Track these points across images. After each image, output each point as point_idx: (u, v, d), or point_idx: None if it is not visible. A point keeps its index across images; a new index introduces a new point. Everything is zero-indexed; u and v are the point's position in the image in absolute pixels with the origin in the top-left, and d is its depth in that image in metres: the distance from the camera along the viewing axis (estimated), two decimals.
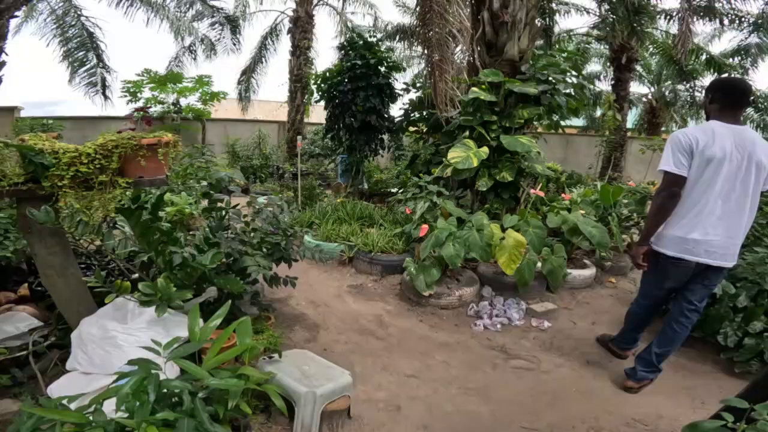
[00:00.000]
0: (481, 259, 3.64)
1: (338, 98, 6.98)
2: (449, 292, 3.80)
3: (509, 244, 3.51)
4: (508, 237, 3.56)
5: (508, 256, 3.49)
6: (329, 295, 4.18)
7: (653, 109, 15.99)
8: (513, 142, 4.75)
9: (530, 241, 3.71)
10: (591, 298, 4.26)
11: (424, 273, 3.76)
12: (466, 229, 3.74)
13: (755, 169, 2.34)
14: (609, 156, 11.15)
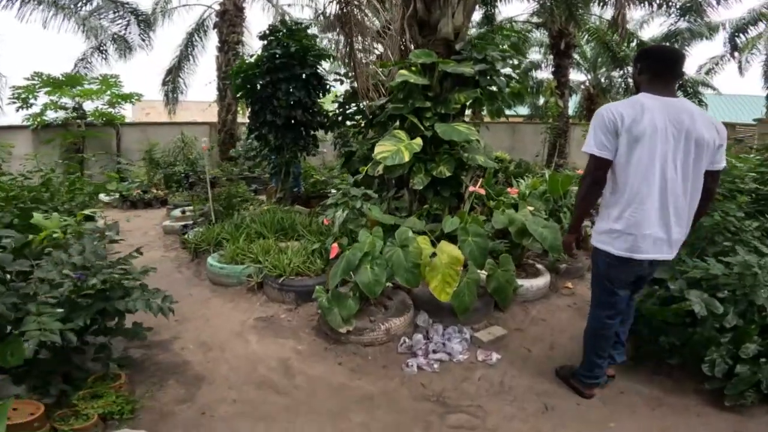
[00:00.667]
0: (408, 284, 2.80)
1: (257, 93, 5.91)
2: (373, 326, 2.92)
3: (442, 263, 2.68)
4: (440, 253, 2.72)
5: (441, 279, 2.66)
6: (228, 333, 3.22)
7: (591, 96, 15.98)
8: (449, 130, 3.93)
9: (470, 253, 2.90)
10: (547, 311, 3.53)
11: (339, 305, 2.87)
12: (389, 246, 2.87)
13: (695, 145, 1.95)
14: (554, 143, 10.72)
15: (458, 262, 2.68)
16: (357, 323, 2.93)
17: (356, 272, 2.78)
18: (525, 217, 3.54)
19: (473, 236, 2.96)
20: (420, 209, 4.44)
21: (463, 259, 2.70)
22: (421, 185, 4.10)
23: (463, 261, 2.70)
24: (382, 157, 3.77)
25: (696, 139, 1.93)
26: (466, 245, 2.90)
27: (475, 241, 2.94)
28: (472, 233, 2.97)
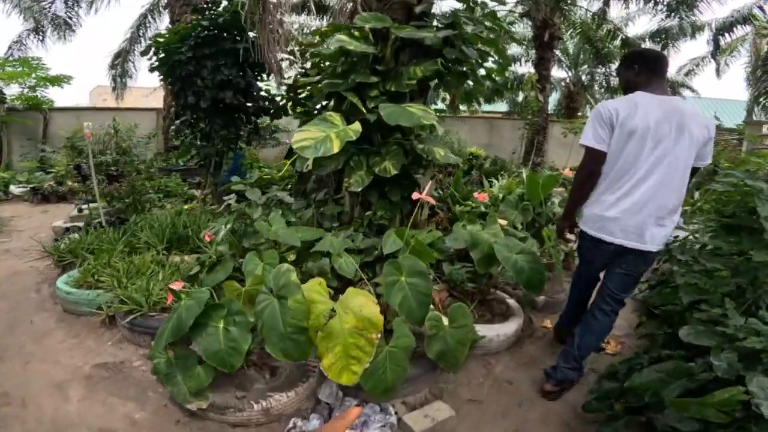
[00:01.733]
0: (286, 357, 1.64)
1: (177, 70, 4.63)
2: (242, 403, 1.78)
3: (344, 327, 1.54)
4: (342, 311, 1.57)
5: (343, 352, 1.53)
6: (46, 383, 2.14)
7: (571, 94, 15.16)
8: (396, 112, 2.79)
9: (401, 303, 1.76)
10: (516, 368, 2.44)
11: (184, 372, 1.72)
12: (263, 296, 1.70)
13: (687, 142, 1.94)
14: (532, 140, 9.70)
15: (373, 325, 1.54)
16: (217, 397, 1.78)
17: (197, 335, 1.63)
18: (494, 237, 2.42)
19: (409, 274, 1.82)
20: (361, 217, 3.29)
21: (381, 321, 1.56)
22: (359, 186, 2.96)
23: (382, 323, 1.56)
24: (300, 147, 2.60)
25: (688, 136, 1.94)
26: (397, 291, 1.77)
27: (411, 283, 1.81)
28: (408, 270, 1.83)
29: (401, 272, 1.81)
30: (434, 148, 2.99)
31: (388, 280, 1.77)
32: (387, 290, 1.76)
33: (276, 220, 2.32)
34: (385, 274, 1.77)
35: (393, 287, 1.76)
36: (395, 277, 1.80)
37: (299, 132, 2.75)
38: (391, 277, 1.78)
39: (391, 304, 1.76)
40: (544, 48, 10.66)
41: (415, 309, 1.79)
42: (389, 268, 1.79)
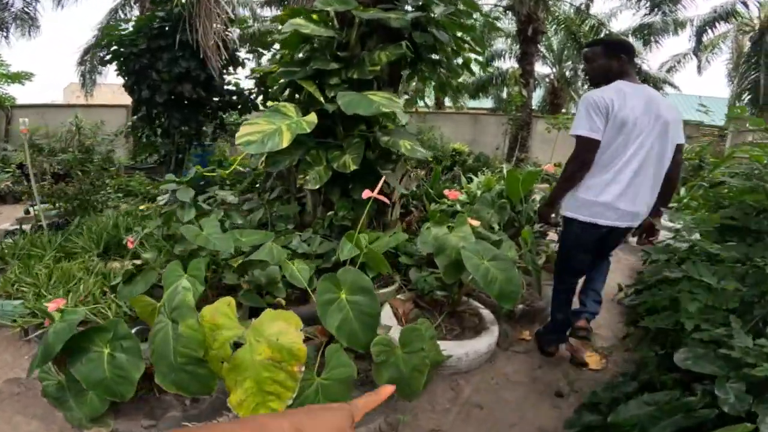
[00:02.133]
0: (182, 391, 1.28)
1: (131, 63, 4.24)
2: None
3: (255, 360, 1.18)
4: (252, 340, 1.20)
5: (256, 387, 1.16)
6: None
7: (555, 90, 14.93)
8: (355, 100, 2.45)
9: (340, 327, 1.42)
10: (488, 390, 2.12)
11: (75, 397, 1.39)
12: (160, 317, 1.35)
13: (664, 127, 2.00)
14: (516, 135, 9.42)
15: (294, 357, 1.20)
16: (120, 425, 1.45)
17: (76, 361, 1.28)
18: (463, 241, 2.10)
19: (351, 291, 1.48)
20: (323, 218, 2.95)
21: (303, 352, 1.21)
22: (317, 183, 2.61)
23: (305, 354, 1.20)
24: (244, 142, 2.23)
25: (664, 122, 1.98)
26: (334, 310, 1.42)
27: (353, 302, 1.46)
28: (350, 285, 1.48)
29: (340, 288, 1.48)
30: (400, 140, 2.65)
31: (324, 298, 1.42)
32: (322, 311, 1.41)
33: (209, 224, 1.97)
34: (320, 292, 1.43)
35: (329, 307, 1.42)
36: (333, 295, 1.45)
37: (245, 125, 2.39)
38: (327, 295, 1.44)
39: (326, 327, 1.42)
40: (528, 43, 10.38)
41: (358, 332, 1.46)
42: (324, 284, 1.44)
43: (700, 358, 1.43)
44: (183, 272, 1.88)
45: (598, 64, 2.04)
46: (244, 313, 2.25)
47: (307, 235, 2.75)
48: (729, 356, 1.36)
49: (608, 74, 2.02)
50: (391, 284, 2.60)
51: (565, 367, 2.31)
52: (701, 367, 1.39)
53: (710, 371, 1.37)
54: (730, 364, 1.36)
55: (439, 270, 2.05)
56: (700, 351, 1.44)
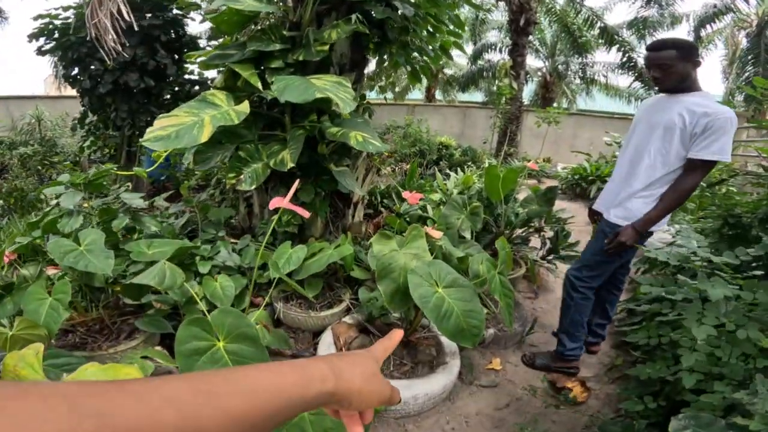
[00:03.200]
0: None
1: (71, 52, 3.77)
2: None
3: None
4: None
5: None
6: None
7: (546, 83, 14.40)
8: (290, 86, 1.98)
9: None
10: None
11: None
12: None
13: None
14: (505, 129, 8.96)
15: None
16: None
17: None
18: (415, 260, 1.66)
19: (230, 338, 1.02)
20: (266, 224, 2.50)
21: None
22: (252, 182, 2.15)
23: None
24: (151, 138, 1.77)
25: None
26: (205, 363, 0.97)
27: (234, 353, 0.98)
28: (228, 331, 1.01)
29: (212, 335, 1.03)
30: (351, 132, 2.19)
31: (187, 348, 0.97)
32: (185, 364, 0.97)
33: (90, 236, 1.52)
34: (181, 339, 0.97)
35: (197, 360, 0.96)
36: (203, 343, 1.01)
37: (159, 119, 1.92)
38: (193, 342, 0.98)
39: None
40: (520, 34, 9.86)
41: None
42: (189, 330, 0.98)
43: (705, 427, 1.01)
44: (46, 295, 1.45)
45: (676, 70, 1.76)
46: (149, 340, 1.81)
47: (244, 243, 2.30)
48: (746, 428, 0.94)
49: (686, 81, 1.77)
50: (337, 304, 2.16)
51: (537, 403, 1.89)
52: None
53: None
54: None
55: (384, 297, 1.61)
56: (706, 418, 1.02)
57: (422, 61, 3.39)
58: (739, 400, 1.04)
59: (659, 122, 1.79)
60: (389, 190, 3.64)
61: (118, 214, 1.88)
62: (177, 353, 1.01)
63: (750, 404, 0.99)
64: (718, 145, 1.65)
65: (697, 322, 1.13)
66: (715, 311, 1.15)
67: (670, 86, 1.78)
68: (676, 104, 1.76)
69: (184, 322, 1.02)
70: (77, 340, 1.86)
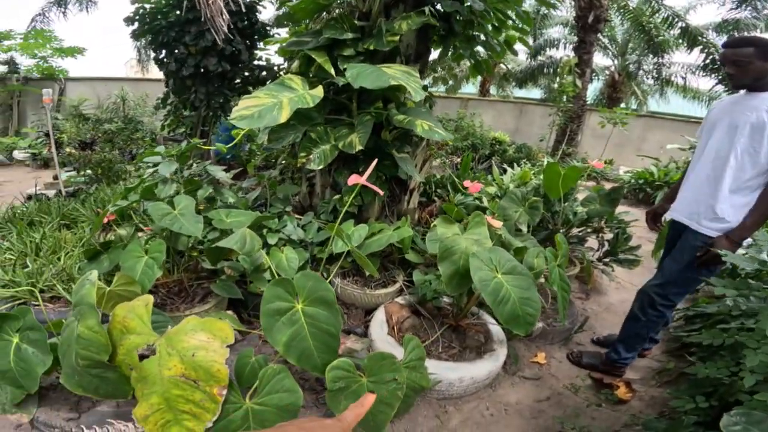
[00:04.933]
0: (90, 393, 1.08)
1: (161, 36, 4.13)
2: (68, 426, 1.22)
3: (164, 375, 0.87)
4: (163, 352, 0.88)
5: (165, 404, 0.88)
6: None
7: (614, 83, 13.55)
8: (363, 73, 2.06)
9: (288, 344, 1.06)
10: (479, 422, 1.74)
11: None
12: (74, 311, 1.09)
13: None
14: (564, 128, 8.60)
15: (213, 378, 0.89)
16: (42, 413, 1.27)
17: None
18: (476, 246, 1.69)
19: (309, 301, 1.12)
20: (328, 202, 2.62)
21: (225, 374, 0.90)
22: (320, 162, 2.27)
23: (226, 376, 0.90)
24: (238, 117, 1.92)
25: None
26: (284, 324, 1.07)
27: (309, 315, 1.10)
28: (308, 294, 1.12)
29: (294, 297, 1.14)
30: (417, 120, 2.24)
31: (271, 307, 1.09)
32: (267, 323, 1.09)
33: (182, 202, 1.69)
34: (267, 299, 1.10)
35: (277, 319, 1.09)
36: (285, 304, 1.12)
37: (244, 99, 2.07)
38: (276, 303, 1.11)
39: (272, 343, 1.09)
40: (587, 31, 9.34)
41: (312, 352, 1.12)
42: (274, 290, 1.10)
43: (756, 423, 0.97)
44: (143, 253, 1.64)
45: (754, 68, 1.68)
46: (220, 305, 1.99)
47: (307, 219, 2.44)
48: None
49: (763, 79, 1.69)
50: (391, 284, 2.24)
51: (578, 400, 1.87)
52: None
53: None
54: None
55: (442, 278, 1.66)
56: (757, 415, 0.98)
57: (486, 55, 3.35)
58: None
59: (745, 121, 1.68)
60: (443, 180, 3.66)
61: (202, 185, 2.06)
62: (262, 312, 1.13)
63: None
64: None
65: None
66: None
67: (746, 83, 1.71)
68: (762, 102, 1.66)
69: (272, 282, 1.13)
70: (158, 301, 2.03)
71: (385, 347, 1.83)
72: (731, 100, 1.83)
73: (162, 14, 4.08)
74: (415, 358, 1.49)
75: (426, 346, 1.85)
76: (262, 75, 4.69)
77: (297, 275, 1.16)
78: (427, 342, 1.89)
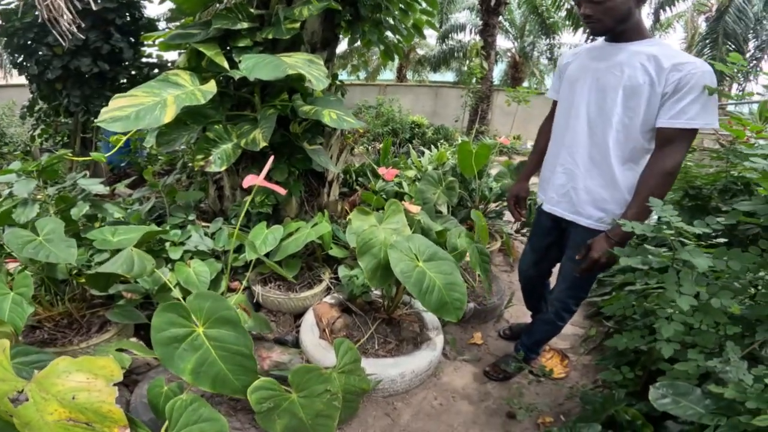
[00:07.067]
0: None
1: (17, 38, 3.55)
2: None
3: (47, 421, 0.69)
4: (38, 398, 0.69)
5: None
6: None
7: (516, 64, 14.57)
8: (259, 64, 1.89)
9: (195, 371, 0.92)
10: (430, 413, 1.73)
11: None
12: None
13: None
14: (476, 108, 9.01)
15: (105, 419, 0.73)
16: None
17: None
18: (395, 235, 1.65)
19: (210, 323, 0.99)
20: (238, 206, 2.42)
21: (119, 415, 0.74)
22: (222, 164, 2.07)
23: (121, 416, 0.75)
24: (107, 119, 1.65)
25: None
26: (185, 350, 0.93)
27: (214, 338, 0.97)
28: (207, 315, 0.98)
29: (190, 320, 0.99)
30: (324, 109, 2.13)
31: (164, 336, 0.94)
32: (164, 353, 0.93)
33: (48, 225, 1.42)
34: (157, 326, 0.93)
35: (176, 348, 0.93)
36: (182, 330, 0.97)
37: (116, 98, 1.79)
38: (170, 329, 0.95)
39: (176, 372, 0.95)
40: (490, 14, 9.83)
41: (227, 377, 0.99)
42: (165, 316, 0.94)
43: (682, 395, 1.06)
44: (8, 290, 1.36)
45: (614, 4, 1.25)
46: (123, 332, 1.74)
47: (216, 226, 2.22)
48: (721, 397, 0.99)
49: (627, 21, 1.29)
50: (317, 284, 2.14)
51: (520, 377, 1.95)
52: (682, 410, 1.02)
53: (694, 416, 1.01)
54: (721, 408, 1.00)
55: (365, 273, 1.60)
56: (683, 386, 1.07)
57: (395, 40, 3.32)
58: (712, 368, 1.07)
59: (615, 83, 1.32)
60: (364, 168, 3.59)
61: (77, 202, 1.76)
62: (154, 342, 0.97)
63: (723, 372, 1.04)
64: (696, 108, 1.21)
65: (677, 292, 1.12)
66: (690, 281, 1.16)
67: (607, 27, 1.30)
68: (633, 56, 1.28)
69: (158, 308, 0.98)
70: (46, 336, 1.75)
71: (319, 352, 1.73)
72: (590, 54, 1.44)
73: (17, 15, 3.47)
74: (349, 361, 1.42)
75: (361, 345, 1.79)
76: (153, 73, 4.22)
77: (191, 297, 1.02)
78: (361, 340, 1.83)
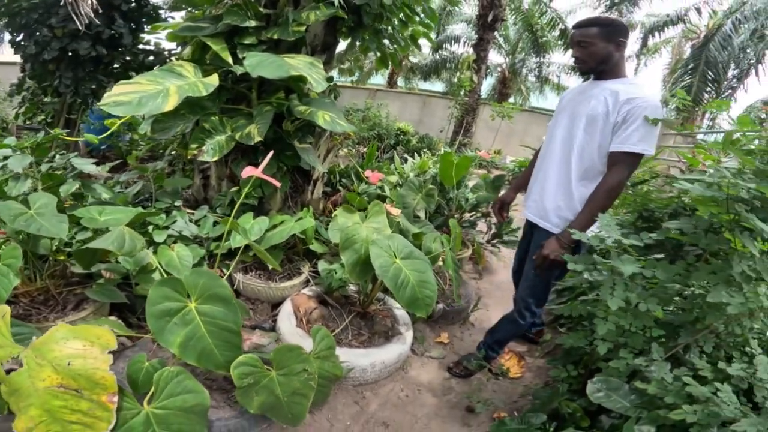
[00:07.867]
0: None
1: (20, 18, 3.54)
2: None
3: (38, 387, 0.78)
4: (33, 364, 0.80)
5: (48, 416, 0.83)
6: None
7: (504, 79, 14.93)
8: (263, 62, 1.99)
9: (184, 345, 1.01)
10: (398, 404, 1.86)
11: None
12: None
13: None
14: (461, 120, 9.26)
15: (98, 386, 0.83)
16: None
17: None
18: (376, 234, 1.78)
19: (202, 299, 1.10)
20: (224, 196, 2.50)
21: (112, 381, 0.85)
22: (214, 154, 2.15)
23: (113, 382, 0.84)
24: (112, 103, 1.72)
25: None
26: (176, 324, 1.02)
27: (205, 314, 1.09)
28: (201, 291, 1.09)
29: (185, 296, 1.10)
30: (319, 111, 2.24)
31: (158, 309, 1.03)
32: (156, 326, 1.03)
33: (40, 200, 1.48)
34: (152, 300, 1.03)
35: (168, 321, 1.04)
36: (174, 304, 1.07)
37: (121, 84, 1.86)
38: (165, 304, 1.05)
39: (165, 345, 1.04)
40: (486, 29, 10.10)
41: (213, 351, 1.09)
42: (161, 291, 1.04)
43: (614, 390, 1.22)
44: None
45: (596, 50, 1.55)
46: (100, 311, 1.80)
47: (201, 213, 2.30)
48: (644, 392, 1.16)
49: (607, 63, 1.57)
50: (297, 276, 2.25)
51: (480, 375, 2.10)
52: (613, 404, 1.19)
53: (621, 409, 1.17)
54: (644, 402, 1.16)
55: (345, 267, 1.72)
56: (614, 382, 1.24)
57: (392, 48, 3.46)
58: (639, 367, 1.25)
59: (583, 112, 1.58)
60: (348, 169, 3.71)
61: (66, 179, 1.81)
62: (148, 315, 1.06)
63: (647, 371, 1.21)
64: (638, 135, 1.45)
65: (610, 295, 1.29)
66: (623, 286, 1.34)
67: (591, 67, 1.59)
68: (602, 91, 1.55)
69: (156, 282, 1.07)
70: (21, 312, 1.77)
71: (295, 339, 1.84)
72: (579, 89, 1.71)
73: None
74: (324, 348, 1.53)
75: (336, 335, 1.91)
76: (148, 60, 4.23)
77: (187, 273, 1.12)
78: (336, 331, 1.94)
